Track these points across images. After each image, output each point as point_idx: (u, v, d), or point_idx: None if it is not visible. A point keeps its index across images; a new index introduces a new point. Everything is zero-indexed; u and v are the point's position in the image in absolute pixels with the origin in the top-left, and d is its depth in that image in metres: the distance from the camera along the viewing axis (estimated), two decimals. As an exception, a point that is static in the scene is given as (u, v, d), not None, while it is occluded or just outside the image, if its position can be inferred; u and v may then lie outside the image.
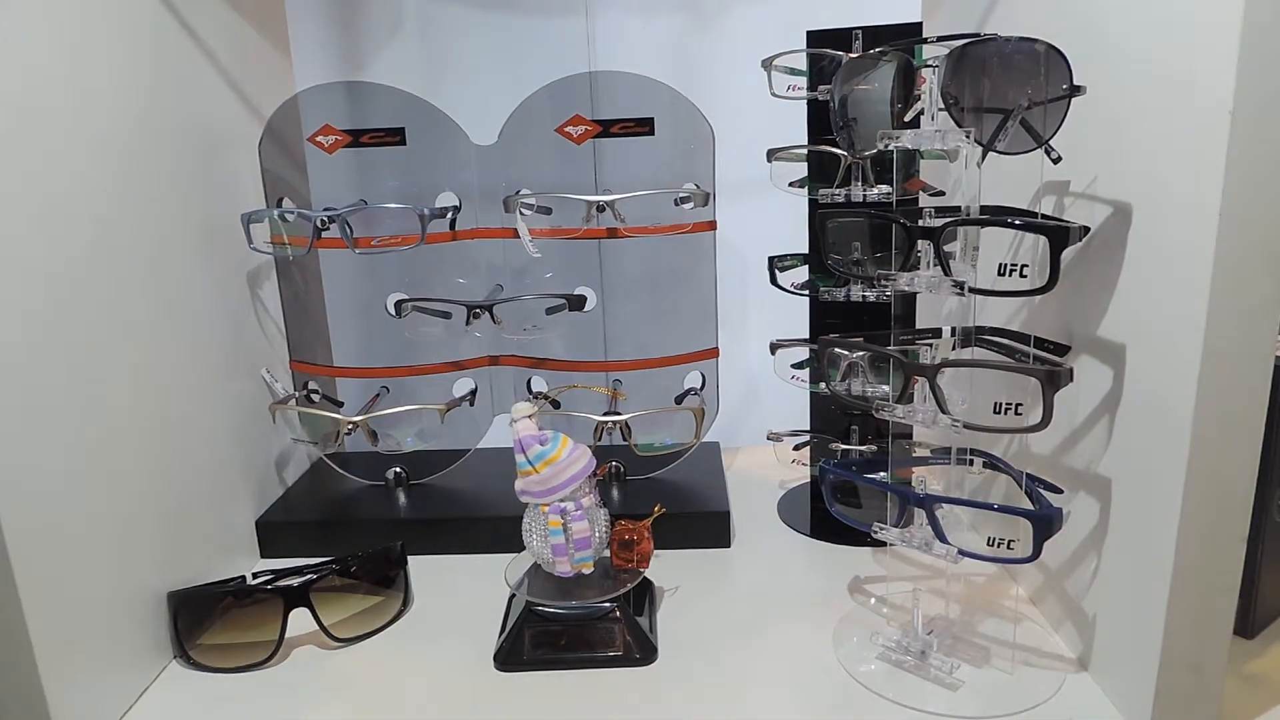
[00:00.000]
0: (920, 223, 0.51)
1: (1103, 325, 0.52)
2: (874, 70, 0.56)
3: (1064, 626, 0.59)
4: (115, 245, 0.57)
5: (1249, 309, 0.43)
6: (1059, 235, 0.47)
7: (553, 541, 0.58)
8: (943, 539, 0.53)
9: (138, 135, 0.60)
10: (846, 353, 0.64)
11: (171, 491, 0.62)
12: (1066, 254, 0.49)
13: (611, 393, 0.78)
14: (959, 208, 0.52)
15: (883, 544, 0.56)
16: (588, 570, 0.60)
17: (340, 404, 0.82)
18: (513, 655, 0.58)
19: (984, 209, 0.52)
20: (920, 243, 0.51)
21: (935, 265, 0.51)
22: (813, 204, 0.74)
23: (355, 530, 0.76)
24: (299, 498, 0.81)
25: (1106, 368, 0.51)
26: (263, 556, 0.75)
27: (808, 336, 0.77)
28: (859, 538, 0.72)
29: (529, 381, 0.83)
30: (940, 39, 0.50)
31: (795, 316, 0.79)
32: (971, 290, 0.49)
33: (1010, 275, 0.49)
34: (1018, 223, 0.50)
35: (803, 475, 0.85)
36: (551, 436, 0.59)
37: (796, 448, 0.81)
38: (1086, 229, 0.51)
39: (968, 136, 0.48)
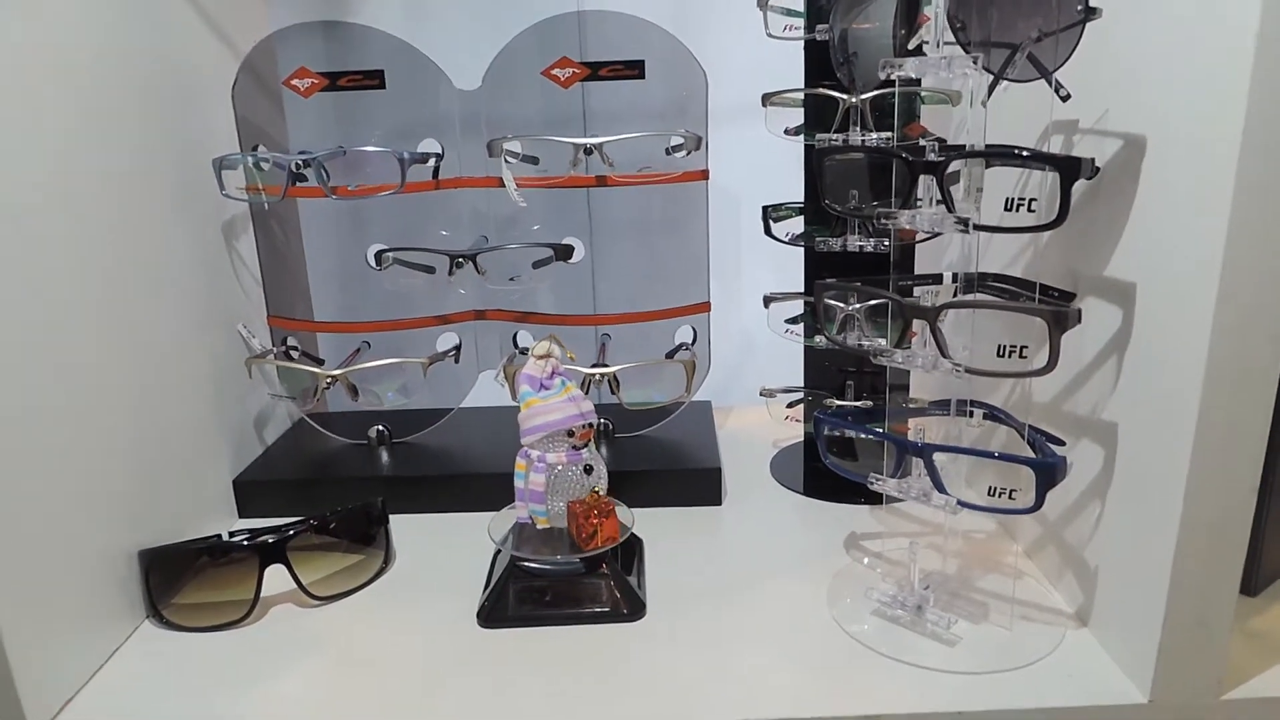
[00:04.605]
0: (923, 158, 0.48)
1: (1112, 265, 0.49)
2: (875, 1, 0.53)
3: (1063, 581, 0.57)
4: (80, 192, 0.54)
5: (1269, 248, 0.40)
6: (1070, 167, 0.45)
7: (516, 484, 0.58)
8: (941, 489, 0.51)
9: (103, 74, 0.57)
10: (842, 304, 0.62)
11: (143, 448, 0.60)
12: (1075, 190, 0.46)
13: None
14: (963, 146, 0.49)
15: (878, 500, 0.55)
16: (541, 525, 0.58)
17: (321, 361, 0.80)
18: (496, 612, 0.57)
19: (989, 147, 0.49)
20: (922, 179, 0.48)
21: (938, 203, 0.48)
22: (808, 150, 0.71)
23: (337, 489, 0.73)
24: (279, 457, 0.78)
25: (1115, 309, 0.49)
26: (241, 516, 0.73)
27: (803, 290, 0.75)
28: (853, 495, 0.70)
29: (515, 336, 0.81)
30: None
31: (790, 271, 0.76)
32: (976, 227, 0.47)
33: (1017, 210, 0.47)
34: (1026, 153, 0.47)
35: (796, 434, 0.83)
36: (556, 385, 0.57)
37: (790, 405, 0.79)
38: (1097, 167, 0.49)
39: (975, 63, 0.45)
